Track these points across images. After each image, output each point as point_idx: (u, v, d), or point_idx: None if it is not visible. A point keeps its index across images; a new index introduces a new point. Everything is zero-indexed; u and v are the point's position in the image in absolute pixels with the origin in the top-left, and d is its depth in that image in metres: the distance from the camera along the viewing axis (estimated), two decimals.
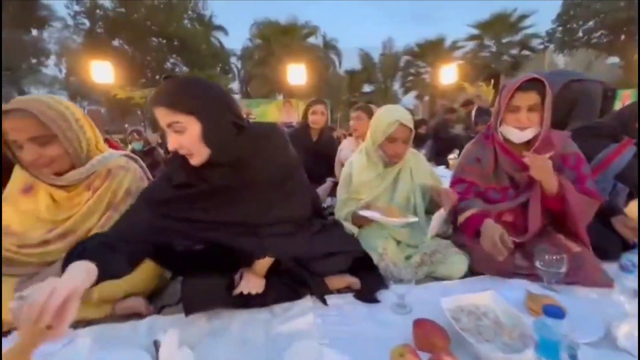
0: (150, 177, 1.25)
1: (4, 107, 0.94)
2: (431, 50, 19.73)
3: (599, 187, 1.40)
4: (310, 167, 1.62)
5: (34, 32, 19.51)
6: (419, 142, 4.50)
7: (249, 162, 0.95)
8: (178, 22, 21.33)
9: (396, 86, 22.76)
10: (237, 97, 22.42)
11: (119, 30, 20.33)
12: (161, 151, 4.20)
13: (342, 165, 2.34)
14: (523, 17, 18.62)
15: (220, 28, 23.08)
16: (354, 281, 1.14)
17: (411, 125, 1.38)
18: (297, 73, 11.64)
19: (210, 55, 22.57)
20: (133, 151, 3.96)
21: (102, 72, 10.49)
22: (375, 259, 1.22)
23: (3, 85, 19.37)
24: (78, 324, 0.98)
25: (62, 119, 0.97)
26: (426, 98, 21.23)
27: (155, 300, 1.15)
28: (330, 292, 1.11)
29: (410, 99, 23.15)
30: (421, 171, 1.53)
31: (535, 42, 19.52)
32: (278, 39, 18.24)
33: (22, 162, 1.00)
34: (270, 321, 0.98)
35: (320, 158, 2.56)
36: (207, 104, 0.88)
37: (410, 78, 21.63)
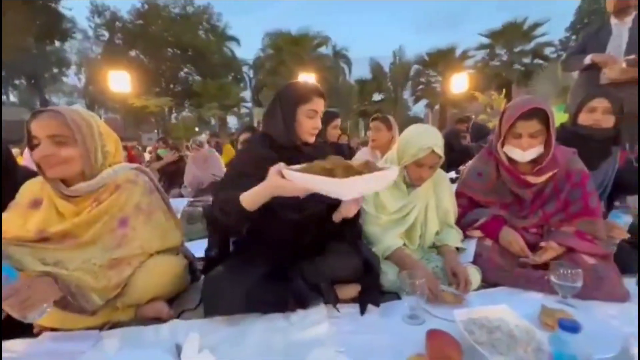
0: (161, 188, 1.25)
1: (38, 108, 1.02)
2: (442, 60, 19.69)
3: None
4: None
5: (57, 43, 20.40)
6: None
7: (312, 156, 1.15)
8: (193, 33, 22.00)
9: (406, 95, 22.79)
10: (248, 105, 22.89)
11: (136, 41, 21.11)
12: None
13: None
14: (536, 25, 18.44)
15: (233, 39, 23.70)
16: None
17: (442, 152, 1.28)
18: None
19: (223, 65, 23.14)
20: (158, 156, 4.14)
21: (119, 81, 10.90)
22: (392, 274, 1.23)
23: (27, 93, 20.26)
24: (103, 326, 1.04)
25: (87, 126, 1.03)
26: (436, 107, 21.16)
27: (176, 304, 1.19)
28: (342, 301, 1.14)
29: (420, 107, 23.18)
30: (443, 195, 1.44)
31: (548, 51, 19.25)
32: (289, 49, 18.58)
33: (34, 159, 1.01)
34: (287, 329, 1.01)
35: None
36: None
37: (421, 87, 21.58)
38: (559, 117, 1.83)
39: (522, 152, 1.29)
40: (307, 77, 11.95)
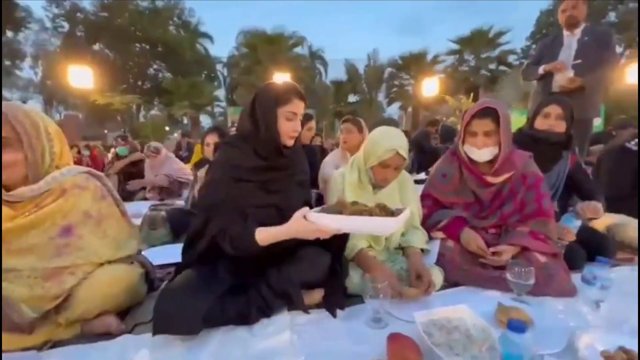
0: (116, 194, 1.17)
1: None
2: (414, 63, 20.28)
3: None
4: None
5: (9, 33, 18.78)
6: None
7: (293, 160, 1.21)
8: (163, 29, 21.11)
9: (381, 97, 23.22)
10: (223, 104, 22.33)
11: (100, 34, 19.94)
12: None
13: (324, 179, 2.36)
14: (500, 33, 19.50)
15: (206, 35, 23.01)
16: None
17: (406, 155, 1.31)
18: None
19: (195, 62, 22.39)
20: (118, 156, 3.86)
21: (81, 76, 10.19)
22: (356, 278, 1.23)
23: None
24: (44, 345, 0.94)
25: (33, 126, 0.95)
26: (409, 109, 21.75)
27: (129, 317, 1.11)
28: (308, 308, 1.12)
29: (394, 109, 23.67)
30: (408, 198, 1.46)
31: (511, 58, 20.41)
32: (264, 48, 18.32)
33: None
34: (248, 340, 0.97)
35: None
36: None
37: (394, 89, 22.09)
38: (520, 121, 1.94)
39: (478, 150, 1.36)
40: (283, 77, 11.86)
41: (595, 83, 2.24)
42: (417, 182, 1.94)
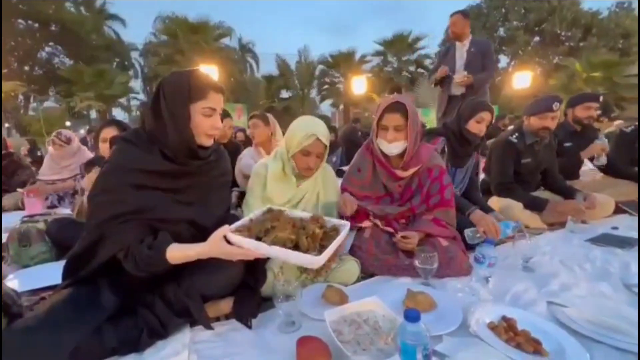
0: None
1: None
2: (343, 62, 21.00)
3: None
4: None
5: None
6: (329, 149, 4.77)
7: (212, 162, 1.07)
8: (57, 5, 17.75)
9: (313, 94, 23.48)
10: (140, 97, 19.93)
11: None
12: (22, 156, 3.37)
13: (243, 175, 2.25)
14: (417, 39, 21.50)
15: (115, 17, 20.11)
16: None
17: (327, 142, 1.33)
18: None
19: (103, 47, 19.45)
20: None
21: None
22: (271, 278, 1.16)
23: None
24: None
25: None
26: (341, 107, 22.52)
27: None
28: (216, 320, 1.01)
29: (327, 106, 24.21)
30: (329, 190, 1.49)
31: (427, 62, 22.62)
32: (187, 36, 16.82)
33: None
34: None
35: None
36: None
37: (326, 87, 22.57)
38: (430, 121, 2.14)
39: (388, 144, 1.40)
40: (209, 69, 11.05)
41: (480, 82, 2.76)
42: None
